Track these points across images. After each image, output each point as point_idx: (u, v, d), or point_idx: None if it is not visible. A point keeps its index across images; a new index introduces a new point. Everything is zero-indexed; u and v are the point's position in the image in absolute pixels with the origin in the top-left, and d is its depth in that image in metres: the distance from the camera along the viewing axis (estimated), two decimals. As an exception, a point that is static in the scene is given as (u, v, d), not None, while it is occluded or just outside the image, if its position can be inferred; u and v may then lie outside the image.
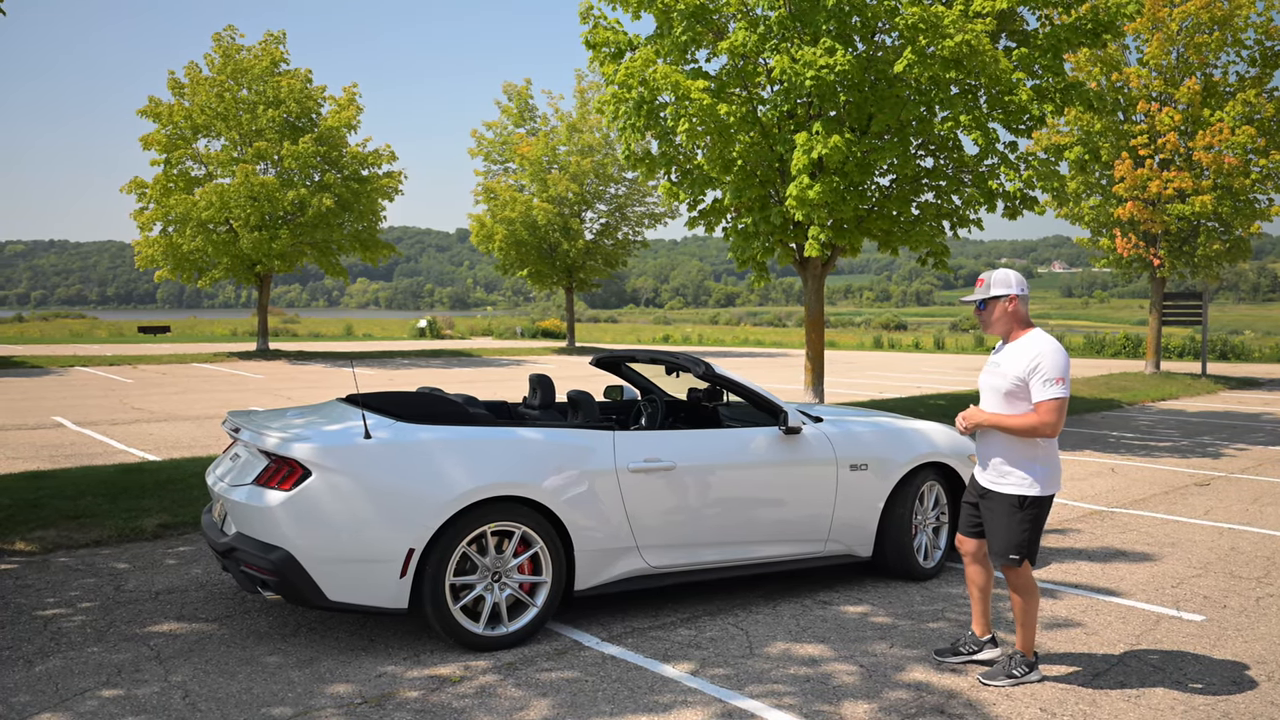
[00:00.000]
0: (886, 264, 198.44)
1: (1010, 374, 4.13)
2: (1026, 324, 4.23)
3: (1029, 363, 4.07)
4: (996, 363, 4.26)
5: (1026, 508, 4.14)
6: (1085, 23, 11.67)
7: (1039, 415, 4.03)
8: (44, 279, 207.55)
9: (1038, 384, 4.04)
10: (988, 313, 4.25)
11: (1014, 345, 4.19)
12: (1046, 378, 4.01)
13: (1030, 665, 4.27)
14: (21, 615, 5.03)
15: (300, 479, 4.40)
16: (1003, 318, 4.23)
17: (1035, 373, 4.04)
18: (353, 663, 4.43)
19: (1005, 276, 4.23)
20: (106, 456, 10.30)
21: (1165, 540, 7.13)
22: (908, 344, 42.50)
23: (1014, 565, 4.16)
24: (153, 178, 26.85)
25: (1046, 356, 4.04)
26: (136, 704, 3.93)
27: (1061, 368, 4.01)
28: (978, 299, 4.26)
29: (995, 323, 4.25)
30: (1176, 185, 20.20)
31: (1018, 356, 4.13)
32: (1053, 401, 4.01)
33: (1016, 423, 4.07)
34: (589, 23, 12.33)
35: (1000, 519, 4.18)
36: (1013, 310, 4.21)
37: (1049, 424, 4.02)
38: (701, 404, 6.42)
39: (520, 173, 33.31)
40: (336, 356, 28.92)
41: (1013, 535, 4.15)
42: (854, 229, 12.26)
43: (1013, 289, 4.19)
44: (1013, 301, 4.20)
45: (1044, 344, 4.09)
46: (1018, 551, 4.14)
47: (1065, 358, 4.05)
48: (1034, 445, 4.14)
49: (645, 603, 5.39)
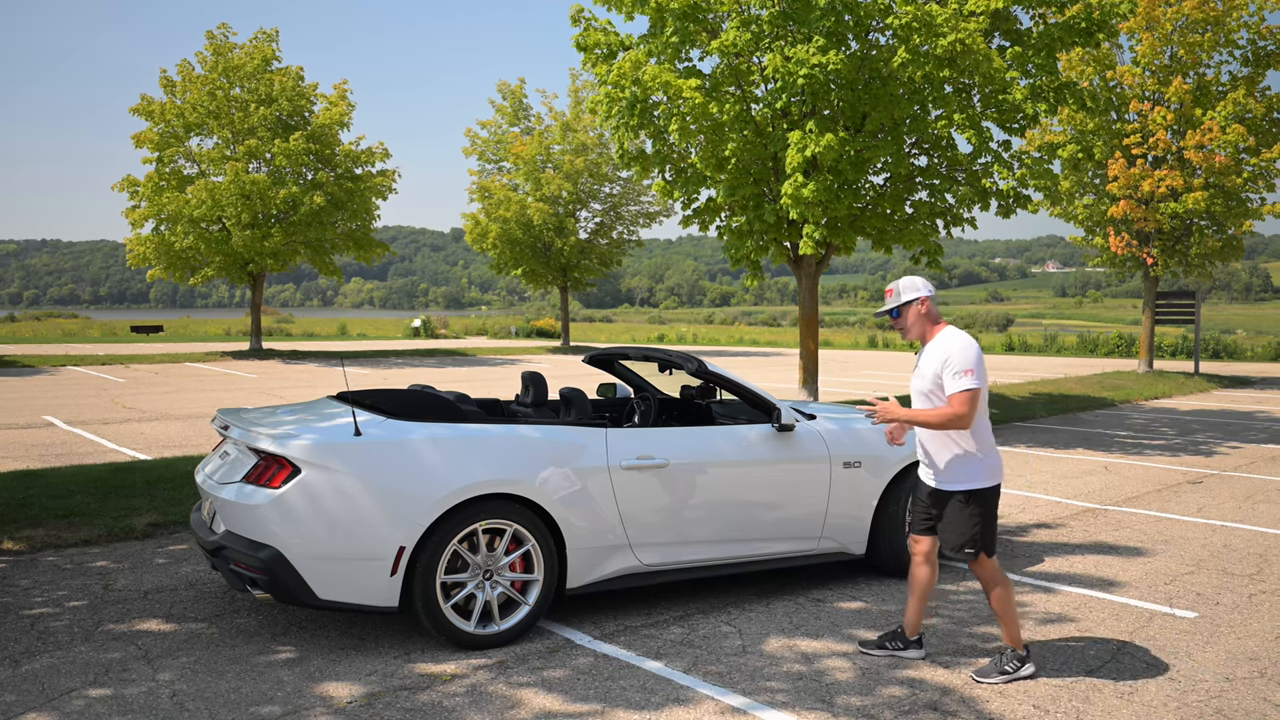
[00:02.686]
0: (881, 264, 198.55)
1: (928, 373, 4.22)
2: (937, 322, 4.32)
3: (941, 359, 4.16)
4: (918, 365, 4.35)
5: (972, 502, 4.20)
6: (1079, 22, 11.68)
7: (951, 407, 4.09)
8: (36, 278, 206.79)
9: (949, 377, 4.12)
10: (903, 319, 4.32)
11: (929, 345, 4.28)
12: (956, 370, 4.09)
13: (1021, 659, 4.27)
14: (9, 615, 4.99)
15: (289, 477, 4.36)
16: (917, 320, 4.30)
17: (946, 367, 4.13)
18: (343, 661, 4.40)
19: (912, 281, 4.32)
20: (97, 456, 10.24)
21: (1158, 537, 7.13)
22: (902, 343, 42.49)
23: (972, 559, 4.22)
24: (145, 176, 26.75)
25: (955, 350, 4.13)
26: (124, 704, 3.90)
27: (971, 360, 4.09)
28: (891, 307, 4.32)
29: (912, 327, 4.32)
30: (1169, 184, 20.23)
31: (933, 354, 4.23)
32: (964, 393, 4.07)
33: (930, 416, 4.13)
34: (580, 25, 12.31)
35: (950, 515, 4.24)
36: (925, 312, 4.29)
37: (961, 415, 4.07)
38: (695, 401, 6.40)
39: (514, 172, 33.26)
40: (330, 356, 28.85)
41: (965, 530, 4.20)
42: (848, 227, 12.26)
43: (920, 291, 4.28)
44: (924, 303, 4.28)
45: (954, 339, 4.18)
46: (972, 545, 4.20)
47: (976, 351, 4.14)
48: (971, 440, 4.19)
49: (638, 601, 5.36)
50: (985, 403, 4.22)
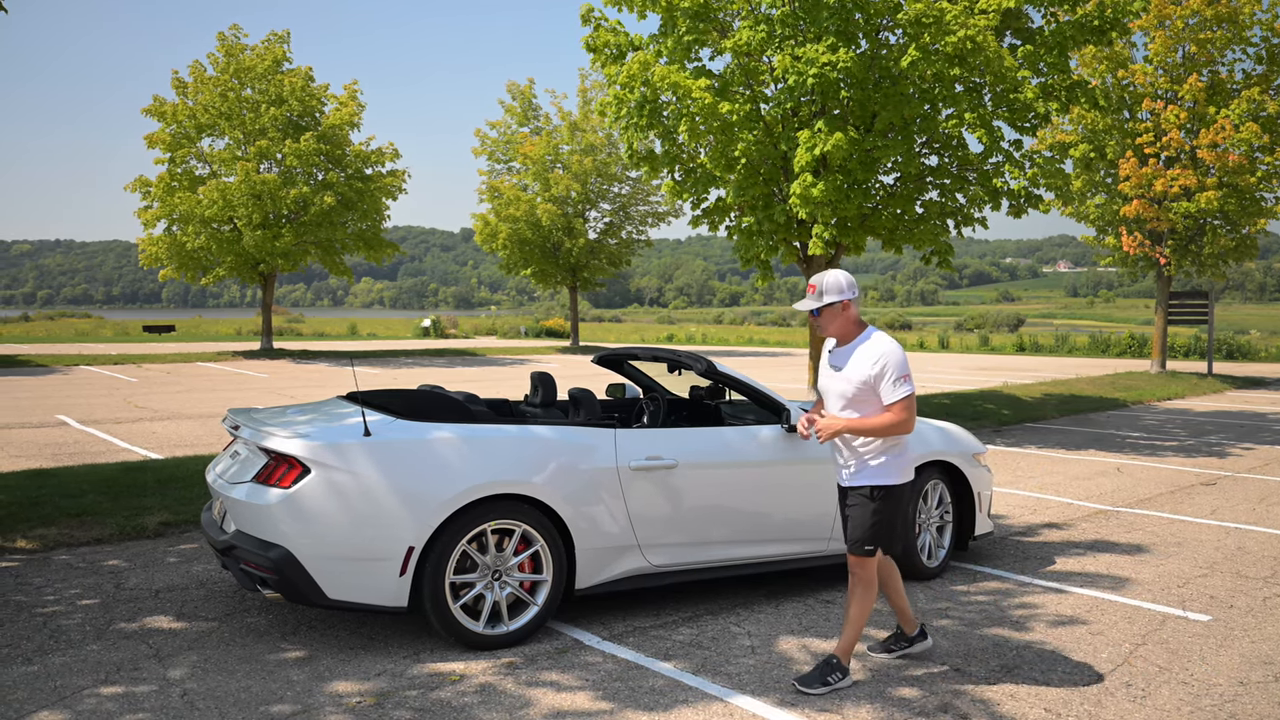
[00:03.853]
0: (891, 263, 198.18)
1: (855, 378, 4.14)
2: (861, 325, 4.24)
3: (874, 365, 4.09)
4: (838, 367, 4.25)
5: (879, 498, 4.16)
6: (1091, 19, 11.62)
7: (895, 414, 4.06)
8: (50, 278, 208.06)
9: (887, 385, 4.07)
10: (823, 319, 4.23)
11: (855, 349, 4.19)
12: (895, 378, 4.06)
13: (844, 671, 4.20)
14: (21, 613, 5.02)
15: (299, 476, 4.37)
16: (837, 321, 4.22)
17: (883, 375, 4.07)
18: (352, 661, 4.40)
19: (836, 281, 4.19)
20: (109, 455, 10.29)
21: (1171, 540, 7.09)
22: (912, 343, 42.41)
23: (867, 555, 4.17)
24: (157, 176, 26.89)
25: (891, 357, 4.08)
26: (135, 702, 3.91)
27: (906, 366, 4.10)
28: (811, 306, 4.21)
29: (829, 326, 4.25)
30: (1182, 183, 20.12)
31: (862, 360, 4.14)
32: (905, 400, 4.06)
33: (875, 423, 4.08)
34: (590, 25, 12.30)
35: (856, 510, 4.20)
36: (846, 314, 4.21)
37: (905, 421, 4.06)
38: (704, 402, 6.38)
39: (524, 172, 33.29)
40: (340, 356, 28.93)
41: (866, 525, 4.15)
42: (858, 227, 12.22)
43: (845, 294, 4.18)
44: (846, 306, 4.20)
45: (886, 345, 4.13)
46: (872, 542, 4.15)
47: (905, 355, 4.13)
48: (889, 439, 4.17)
49: (647, 601, 5.35)
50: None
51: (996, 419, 14.33)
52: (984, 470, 6.32)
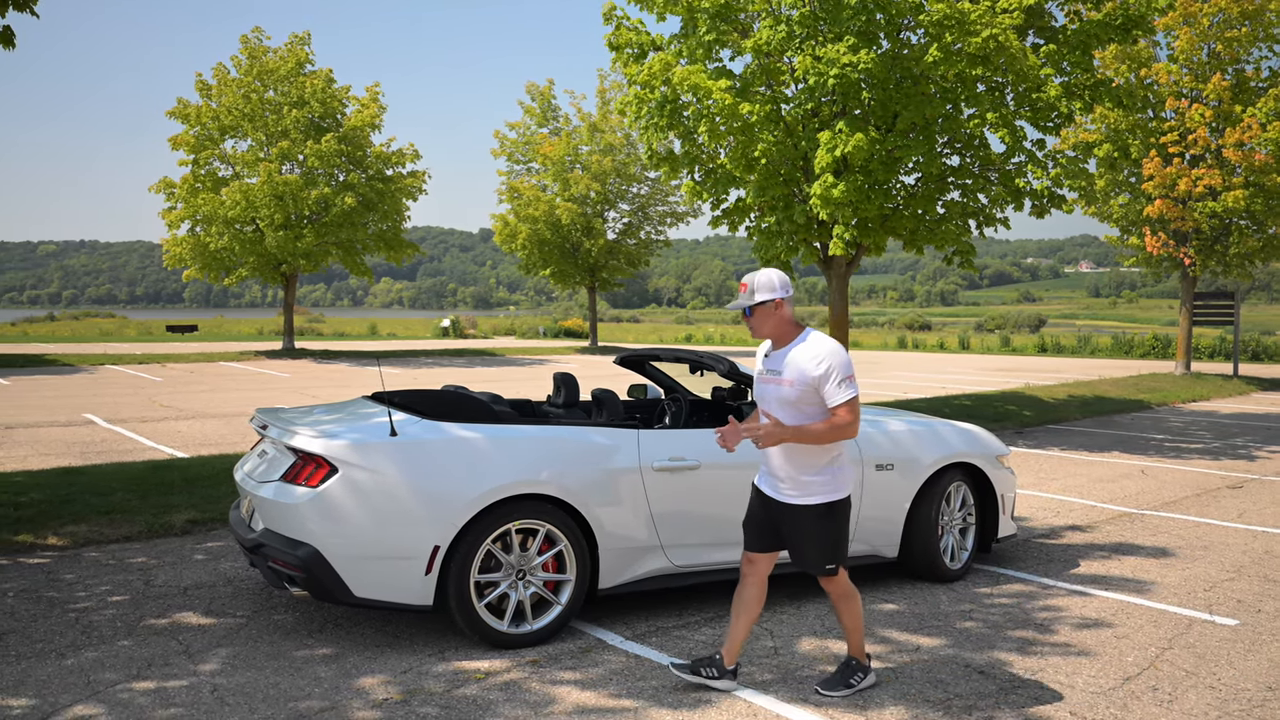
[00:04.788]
0: (911, 263, 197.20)
1: (797, 381, 3.91)
2: (796, 326, 4.03)
3: (817, 366, 3.87)
4: (775, 371, 4.01)
5: (830, 515, 3.97)
6: (1115, 18, 11.54)
7: (840, 418, 3.85)
8: (75, 278, 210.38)
9: (831, 388, 3.85)
10: (755, 319, 4.01)
11: (792, 350, 3.97)
12: (839, 379, 3.85)
13: (865, 670, 4.16)
14: (54, 609, 5.10)
15: (326, 476, 4.42)
16: (769, 321, 4.01)
17: (827, 377, 3.85)
18: (378, 659, 4.45)
19: (769, 280, 3.98)
20: (136, 453, 10.41)
21: (1197, 543, 7.03)
22: (932, 344, 42.22)
23: (831, 575, 4.02)
24: (181, 178, 27.16)
25: (835, 357, 3.87)
26: (167, 697, 3.97)
27: (850, 367, 3.89)
28: (743, 305, 4.00)
29: (761, 327, 4.03)
30: (1207, 183, 19.93)
31: (801, 362, 3.91)
32: (850, 402, 3.85)
33: (821, 429, 3.85)
34: (612, 24, 12.33)
35: (806, 531, 3.98)
36: (780, 313, 4.00)
37: (851, 424, 3.84)
38: (726, 403, 6.39)
39: (543, 172, 33.38)
40: (361, 355, 29.11)
41: (824, 545, 3.98)
42: (878, 228, 12.19)
43: (777, 292, 3.97)
44: (779, 305, 3.99)
45: (827, 345, 3.91)
46: (833, 560, 3.99)
47: (848, 356, 3.94)
48: (829, 450, 3.97)
49: (669, 602, 5.37)
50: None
51: (1018, 420, 14.26)
52: (1007, 472, 6.30)
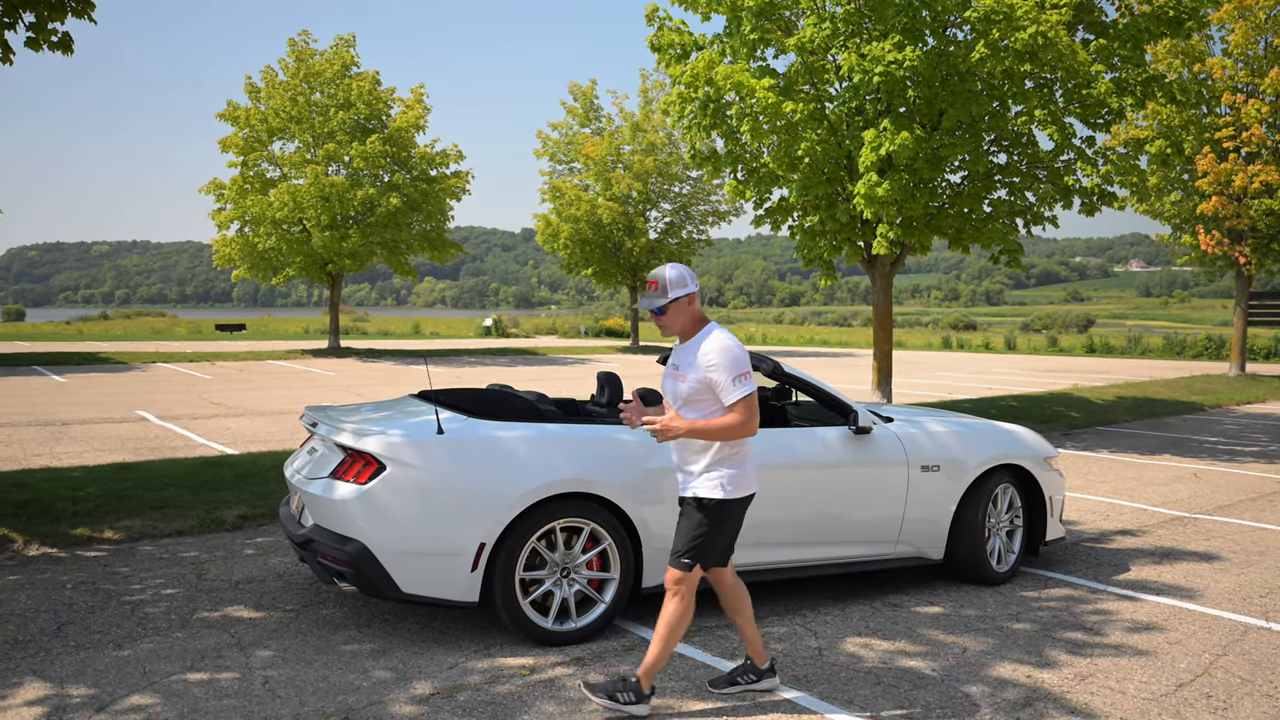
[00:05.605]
0: (955, 263, 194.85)
1: (694, 377, 3.84)
2: (702, 320, 3.95)
3: (712, 362, 3.78)
4: (677, 365, 3.95)
5: (708, 510, 3.85)
6: (1167, 11, 11.30)
7: (737, 415, 3.76)
8: (127, 278, 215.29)
9: (726, 384, 3.76)
10: (669, 316, 3.91)
11: (694, 345, 3.89)
12: (735, 375, 3.76)
13: (640, 695, 3.85)
14: (110, 601, 5.23)
15: (375, 473, 4.48)
16: (682, 317, 3.92)
17: (723, 372, 3.77)
18: (425, 654, 4.50)
19: (680, 275, 3.90)
20: (188, 450, 10.63)
21: (1253, 548, 6.88)
22: (977, 344, 41.67)
23: (684, 569, 3.86)
24: (230, 179, 27.65)
25: (730, 353, 3.78)
26: (220, 689, 4.05)
27: (746, 363, 3.80)
28: (659, 304, 3.87)
29: (674, 324, 3.93)
30: (1263, 179, 19.45)
31: (699, 358, 3.83)
32: (746, 399, 3.76)
33: (717, 425, 3.76)
34: (655, 25, 12.33)
35: (684, 521, 3.92)
36: (691, 308, 3.92)
37: (748, 421, 3.76)
38: (770, 403, 6.37)
39: (585, 172, 33.50)
40: (405, 355, 29.43)
41: (688, 536, 3.86)
42: (923, 227, 12.06)
43: (689, 287, 3.90)
44: (691, 300, 3.91)
45: (724, 342, 3.81)
46: (690, 555, 3.85)
47: (745, 352, 3.84)
48: (726, 446, 3.86)
49: (713, 601, 5.36)
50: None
51: (1067, 422, 14.03)
52: (1056, 474, 6.21)
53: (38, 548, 6.28)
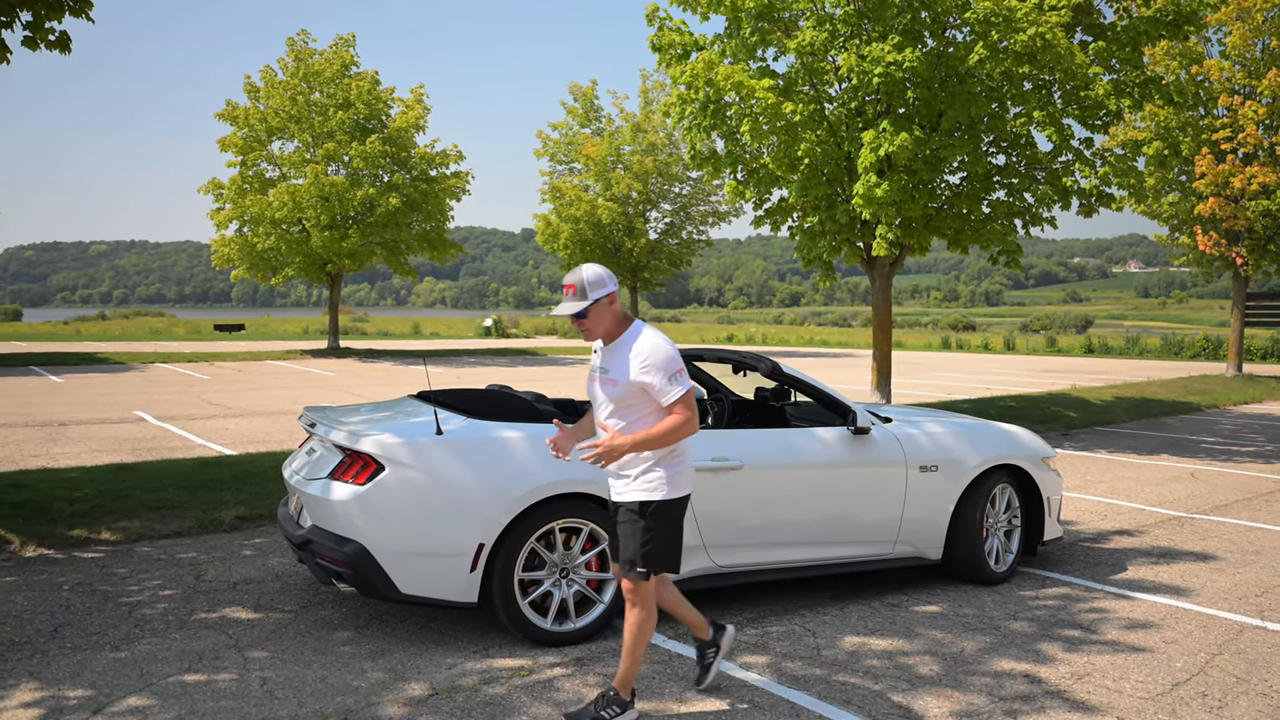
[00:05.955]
0: (954, 263, 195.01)
1: (625, 380, 3.68)
2: (626, 320, 3.78)
3: (646, 363, 3.63)
4: (606, 370, 3.77)
5: (650, 514, 3.71)
6: (1166, 14, 11.32)
7: (678, 415, 3.62)
8: (125, 278, 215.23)
9: (663, 384, 3.62)
10: (590, 319, 3.71)
11: (622, 347, 3.72)
12: (670, 374, 3.62)
13: (624, 705, 3.77)
14: (108, 602, 5.23)
15: (374, 474, 4.49)
16: (606, 317, 3.73)
17: (657, 373, 3.62)
18: (424, 654, 4.51)
19: (598, 275, 3.69)
20: (186, 450, 10.63)
21: (1249, 548, 6.89)
22: (976, 345, 41.68)
23: (640, 579, 3.71)
24: (229, 179, 27.64)
25: (662, 352, 3.63)
26: (217, 690, 4.06)
27: (678, 359, 3.66)
28: (579, 308, 3.66)
29: (598, 326, 3.74)
30: (1260, 180, 19.47)
31: (632, 359, 3.67)
32: (684, 397, 3.63)
33: (659, 431, 3.62)
34: (655, 25, 12.34)
35: (625, 528, 3.75)
36: (613, 308, 3.74)
37: (690, 421, 3.63)
38: (769, 403, 6.38)
39: (585, 173, 33.50)
40: (405, 354, 29.43)
41: (636, 545, 3.71)
42: (923, 227, 12.07)
43: (608, 286, 3.70)
44: (612, 299, 3.72)
45: (655, 340, 3.68)
46: (644, 564, 3.70)
47: (676, 349, 3.71)
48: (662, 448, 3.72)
49: (712, 602, 5.38)
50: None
51: (1065, 422, 14.04)
52: (1053, 474, 6.22)
53: (34, 549, 6.28)
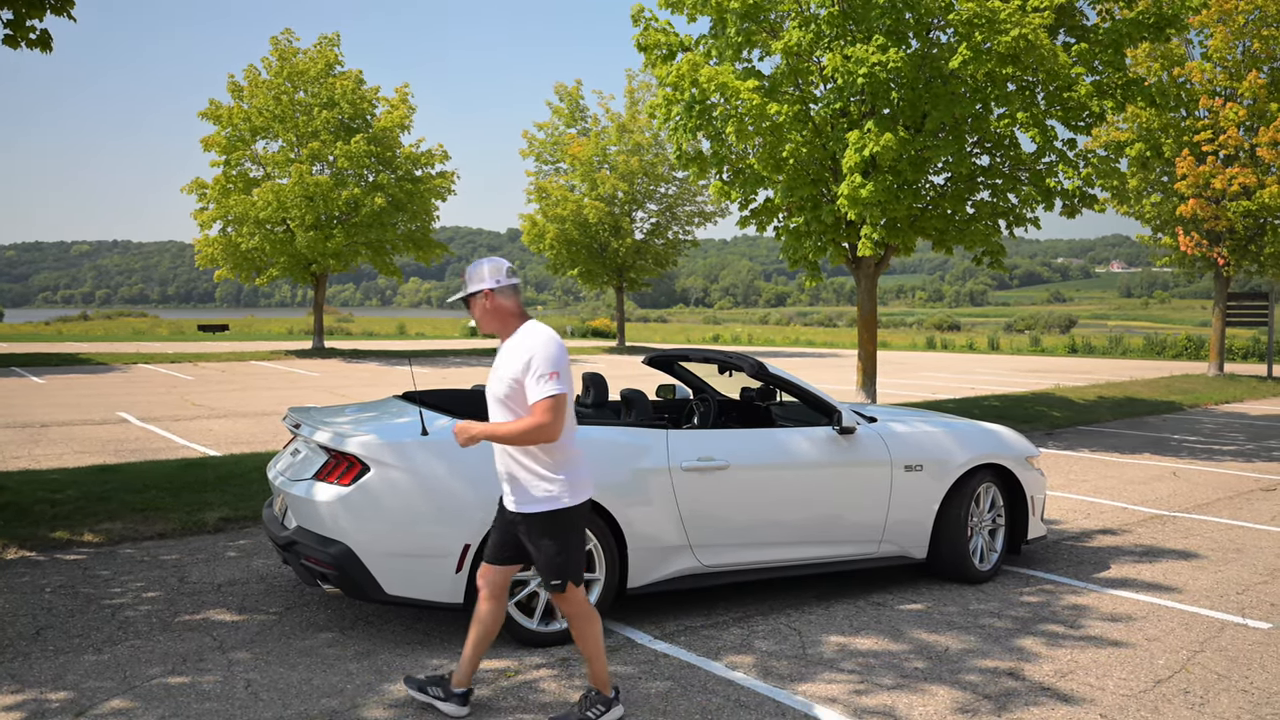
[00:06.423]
0: (939, 264, 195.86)
1: (506, 376, 3.66)
2: (519, 317, 3.74)
3: (522, 360, 3.60)
4: (495, 366, 3.77)
5: (551, 524, 3.66)
6: (1148, 17, 11.41)
7: (534, 417, 3.54)
8: (108, 278, 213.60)
9: (530, 382, 3.57)
10: (474, 311, 3.76)
11: (507, 345, 3.72)
12: (539, 374, 3.55)
13: (608, 703, 3.78)
14: (90, 604, 5.19)
15: (359, 475, 4.47)
16: (485, 315, 3.74)
17: (529, 370, 3.58)
18: (409, 655, 4.50)
19: (478, 269, 3.74)
20: (169, 451, 10.56)
21: (1230, 546, 6.95)
22: (961, 344, 41.89)
23: (559, 591, 3.71)
24: (213, 179, 27.50)
25: (538, 350, 3.58)
26: (201, 692, 4.03)
27: (555, 360, 3.57)
28: (457, 297, 3.79)
29: (481, 321, 3.76)
30: (1241, 181, 19.65)
31: (511, 355, 3.66)
32: (547, 400, 3.53)
33: (510, 430, 3.57)
34: (640, 25, 12.34)
35: (534, 541, 3.70)
36: (492, 307, 3.71)
37: (546, 425, 3.53)
38: (754, 403, 6.40)
39: (571, 173, 33.49)
40: (390, 355, 29.33)
41: (551, 558, 3.68)
42: (907, 228, 12.13)
43: (485, 283, 3.70)
44: (489, 296, 3.70)
45: (536, 338, 3.63)
46: (559, 576, 3.68)
47: (560, 349, 3.62)
48: (553, 453, 3.65)
49: (698, 601, 5.39)
50: (571, 410, 3.69)
51: (1048, 422, 14.13)
52: (1037, 473, 6.26)
53: (16, 551, 6.22)
